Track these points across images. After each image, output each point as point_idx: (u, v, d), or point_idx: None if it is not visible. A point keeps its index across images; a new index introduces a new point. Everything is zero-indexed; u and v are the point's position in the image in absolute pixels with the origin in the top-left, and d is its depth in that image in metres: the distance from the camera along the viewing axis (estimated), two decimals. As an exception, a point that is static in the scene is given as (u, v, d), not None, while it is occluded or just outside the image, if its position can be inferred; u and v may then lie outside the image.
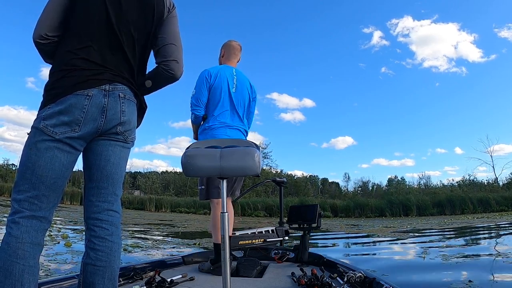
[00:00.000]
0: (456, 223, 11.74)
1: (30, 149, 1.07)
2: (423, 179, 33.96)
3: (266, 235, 3.18)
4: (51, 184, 1.07)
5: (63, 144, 1.08)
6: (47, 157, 1.06)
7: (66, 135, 1.08)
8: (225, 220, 1.25)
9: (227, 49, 2.57)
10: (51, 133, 1.07)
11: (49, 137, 1.07)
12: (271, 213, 20.88)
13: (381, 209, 21.16)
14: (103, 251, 1.12)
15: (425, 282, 3.18)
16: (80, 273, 1.14)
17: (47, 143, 1.07)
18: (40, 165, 1.05)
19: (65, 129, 1.08)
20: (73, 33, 1.16)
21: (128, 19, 1.20)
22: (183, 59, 1.34)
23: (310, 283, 1.82)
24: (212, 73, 2.38)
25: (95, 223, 1.16)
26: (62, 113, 1.07)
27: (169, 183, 35.36)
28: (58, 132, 1.07)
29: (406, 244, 6.33)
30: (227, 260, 1.23)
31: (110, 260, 1.12)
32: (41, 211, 1.05)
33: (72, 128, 1.08)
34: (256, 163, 1.22)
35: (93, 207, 1.18)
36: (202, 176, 2.31)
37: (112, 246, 1.14)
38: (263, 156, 30.11)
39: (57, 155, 1.08)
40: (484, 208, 19.60)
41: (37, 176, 1.05)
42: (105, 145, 1.18)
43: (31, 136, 1.09)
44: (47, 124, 1.07)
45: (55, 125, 1.07)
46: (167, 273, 2.18)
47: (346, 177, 37.87)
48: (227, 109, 2.39)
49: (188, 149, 1.30)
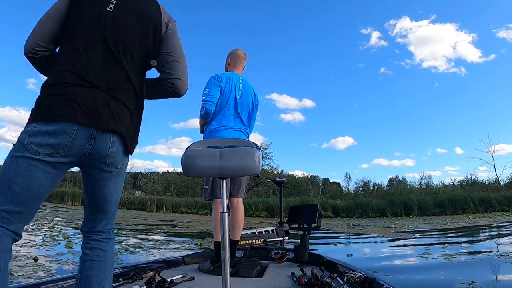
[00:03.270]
0: (457, 223, 11.72)
1: (11, 163, 1.02)
2: (424, 179, 33.96)
3: (266, 235, 3.19)
4: (26, 202, 1.02)
5: (45, 164, 1.03)
6: (26, 175, 1.01)
7: (49, 157, 1.03)
8: (225, 220, 1.25)
9: (233, 57, 2.69)
10: (34, 152, 1.02)
11: (31, 155, 1.01)
12: (272, 213, 20.88)
13: (382, 209, 21.14)
14: (100, 248, 1.22)
15: (426, 282, 3.17)
16: (78, 270, 1.20)
17: (28, 161, 1.01)
18: (17, 183, 1.00)
19: (50, 150, 1.03)
20: (67, 47, 1.13)
21: (125, 33, 1.18)
22: (187, 76, 1.32)
23: (310, 283, 1.82)
24: (222, 78, 2.48)
25: (90, 239, 1.23)
26: (49, 134, 1.03)
27: (170, 183, 35.36)
28: (42, 152, 1.02)
29: (408, 244, 6.32)
30: (227, 260, 1.22)
31: (105, 255, 1.22)
32: (12, 225, 1.00)
33: (57, 151, 1.04)
34: (256, 163, 1.22)
35: (90, 225, 1.24)
36: (202, 176, 2.32)
37: (106, 246, 1.24)
38: (264, 156, 30.10)
39: (36, 175, 1.02)
40: (486, 208, 19.56)
41: (12, 192, 1.00)
42: (99, 176, 1.17)
43: (14, 149, 1.04)
44: (31, 142, 1.02)
45: (40, 145, 1.02)
46: (167, 273, 2.18)
47: (347, 177, 37.90)
48: (231, 113, 2.50)
49: (188, 149, 1.30)
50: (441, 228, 9.99)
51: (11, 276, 2.65)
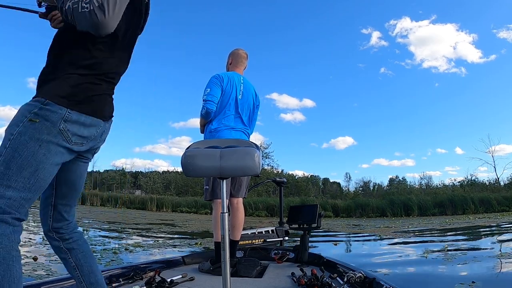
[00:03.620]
0: (457, 223, 11.71)
1: (39, 146, 0.94)
2: (424, 179, 33.94)
3: (266, 235, 3.18)
4: (42, 190, 0.99)
5: (70, 153, 1.04)
6: (54, 162, 0.98)
7: (77, 146, 1.04)
8: (225, 220, 1.25)
9: (234, 57, 2.68)
10: (69, 140, 1.00)
11: (65, 142, 1.00)
12: (272, 213, 20.88)
13: (383, 209, 21.13)
14: (81, 238, 1.24)
15: (426, 283, 3.17)
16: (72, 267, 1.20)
17: (60, 148, 0.99)
18: (44, 169, 0.96)
19: (79, 140, 1.04)
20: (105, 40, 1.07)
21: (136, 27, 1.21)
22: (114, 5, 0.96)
23: (310, 283, 1.82)
24: (224, 78, 2.48)
25: (69, 232, 1.21)
26: (84, 126, 1.03)
27: (170, 183, 35.40)
28: (74, 141, 1.02)
29: (408, 244, 6.32)
30: (227, 260, 1.22)
31: (85, 242, 1.25)
32: (25, 214, 0.96)
33: (83, 142, 1.06)
34: (256, 163, 1.22)
35: (63, 222, 1.20)
36: (202, 176, 2.33)
37: (81, 234, 1.26)
38: (264, 156, 30.12)
39: (60, 163, 1.02)
40: (486, 208, 19.54)
41: (36, 179, 0.95)
42: (81, 165, 1.19)
43: (41, 130, 0.95)
44: (68, 129, 0.99)
45: (74, 134, 1.01)
46: (167, 273, 2.18)
47: (347, 177, 37.87)
48: (232, 113, 2.49)
49: (188, 149, 1.30)
50: (441, 228, 9.98)
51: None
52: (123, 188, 35.56)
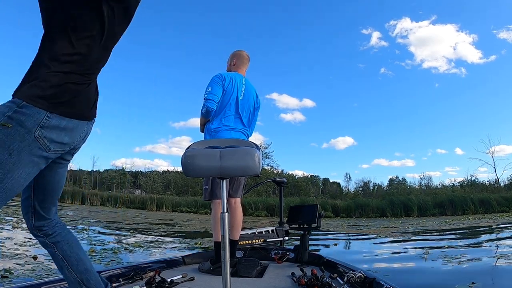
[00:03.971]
0: (457, 224, 11.71)
1: (9, 155, 0.85)
2: (424, 179, 33.97)
3: (266, 235, 3.18)
4: (8, 199, 0.89)
5: (45, 162, 0.93)
6: (25, 172, 0.88)
7: (55, 154, 0.95)
8: (225, 220, 1.24)
9: (238, 58, 2.68)
10: (46, 148, 0.90)
11: (42, 151, 0.90)
12: (272, 213, 20.89)
13: (382, 210, 21.14)
14: (64, 230, 1.24)
15: (426, 283, 3.17)
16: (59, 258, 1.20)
17: (34, 158, 0.89)
18: (12, 179, 0.86)
19: (59, 148, 0.95)
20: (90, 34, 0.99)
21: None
22: None
23: (310, 283, 1.81)
24: (226, 78, 2.48)
25: (52, 227, 1.20)
26: (66, 131, 0.94)
27: (170, 182, 35.43)
28: (52, 149, 0.92)
29: (408, 245, 6.32)
30: (227, 260, 1.22)
31: (70, 231, 1.25)
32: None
33: (63, 149, 0.97)
34: (256, 163, 1.21)
35: (45, 221, 1.18)
36: (202, 176, 2.33)
37: (65, 226, 1.25)
38: (264, 156, 30.12)
39: (34, 172, 0.92)
40: (486, 209, 19.55)
41: (3, 189, 0.86)
42: (60, 167, 1.13)
43: (13, 137, 0.86)
44: (45, 136, 0.89)
45: (53, 141, 0.91)
46: (167, 273, 2.17)
47: (347, 177, 37.91)
48: (232, 114, 2.50)
49: (188, 149, 1.30)
50: (441, 228, 9.98)
51: (10, 275, 2.65)
52: (123, 188, 35.60)
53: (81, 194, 25.94)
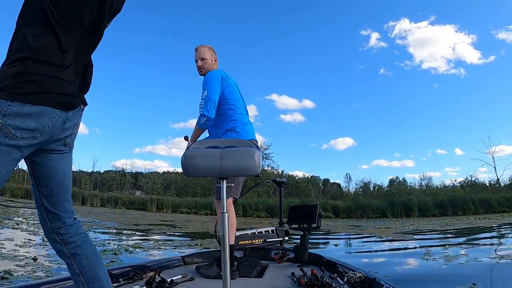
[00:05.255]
0: (458, 224, 11.71)
1: None
2: (424, 180, 33.94)
3: (266, 235, 3.18)
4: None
5: (17, 150, 0.93)
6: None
7: (26, 141, 0.93)
8: (225, 220, 1.25)
9: (215, 54, 2.58)
10: (11, 135, 0.90)
11: (7, 139, 0.90)
12: (272, 214, 20.88)
13: (383, 210, 21.14)
14: (85, 241, 1.17)
15: (427, 284, 3.17)
16: (76, 273, 1.14)
17: (3, 147, 0.89)
18: None
19: (28, 134, 0.93)
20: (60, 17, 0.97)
21: None
22: None
23: (310, 283, 1.81)
24: (223, 76, 2.41)
25: (68, 236, 1.13)
26: (30, 117, 0.92)
27: (170, 183, 35.39)
28: (19, 136, 0.91)
29: (408, 245, 6.31)
30: (227, 260, 1.23)
31: (91, 244, 1.18)
32: None
33: (34, 135, 0.94)
34: (256, 163, 1.22)
35: (60, 222, 1.13)
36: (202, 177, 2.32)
37: (86, 235, 1.18)
38: (264, 156, 30.11)
39: (6, 162, 0.91)
40: (486, 209, 19.56)
41: None
42: (54, 158, 1.08)
43: None
44: (8, 123, 0.89)
45: (18, 128, 0.90)
46: (167, 273, 2.18)
47: (347, 178, 37.83)
48: (244, 109, 2.52)
49: (188, 150, 1.30)
50: (441, 229, 9.98)
51: (10, 276, 2.65)
52: (123, 189, 35.57)
53: (81, 195, 25.90)
